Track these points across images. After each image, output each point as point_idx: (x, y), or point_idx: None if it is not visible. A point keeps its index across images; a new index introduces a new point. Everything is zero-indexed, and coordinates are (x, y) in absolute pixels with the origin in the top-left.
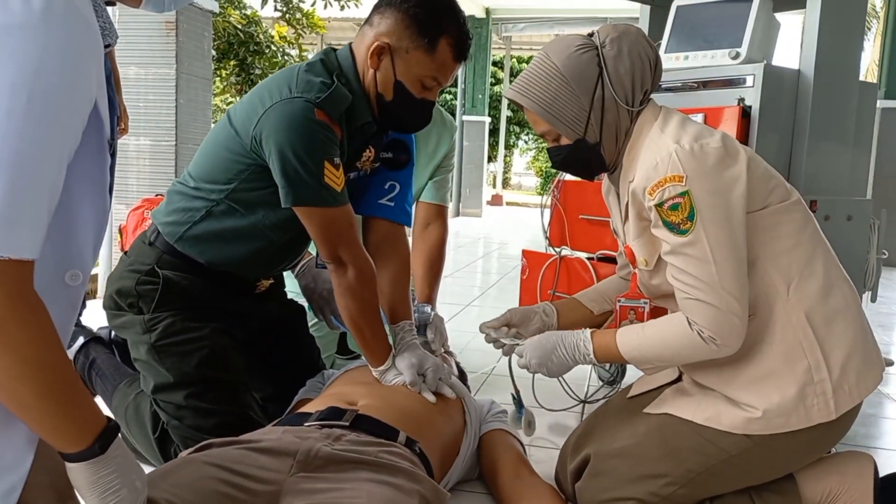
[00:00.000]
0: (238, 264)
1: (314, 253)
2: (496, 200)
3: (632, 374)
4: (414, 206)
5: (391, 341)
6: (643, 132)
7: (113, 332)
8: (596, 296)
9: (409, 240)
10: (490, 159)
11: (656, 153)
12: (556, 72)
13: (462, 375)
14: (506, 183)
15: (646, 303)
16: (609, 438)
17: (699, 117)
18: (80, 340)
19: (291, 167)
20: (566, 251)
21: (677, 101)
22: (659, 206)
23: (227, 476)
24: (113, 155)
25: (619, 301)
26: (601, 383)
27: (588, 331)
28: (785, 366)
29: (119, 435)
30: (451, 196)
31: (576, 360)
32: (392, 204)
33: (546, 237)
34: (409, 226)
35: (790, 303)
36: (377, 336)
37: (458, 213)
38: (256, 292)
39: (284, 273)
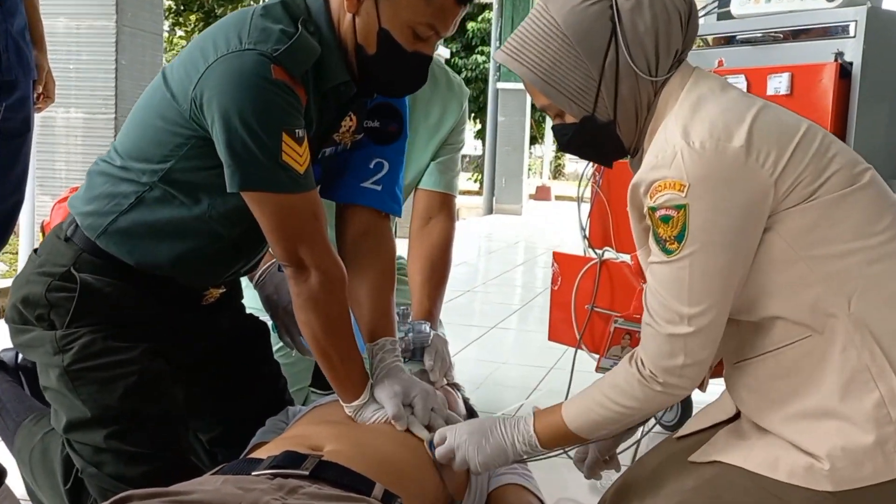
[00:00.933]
0: (176, 267)
1: None
2: (542, 194)
3: None
4: (412, 196)
5: (368, 368)
6: (668, 106)
7: (20, 356)
8: None
9: (405, 240)
10: (534, 140)
11: (662, 146)
12: (556, 29)
13: (472, 415)
14: (557, 172)
15: None
16: (649, 496)
17: (784, 79)
18: None
19: (239, 140)
20: (609, 254)
21: (756, 56)
22: (652, 210)
23: None
24: (28, 131)
25: (614, 322)
26: (659, 428)
27: (532, 409)
28: (847, 400)
29: (2, 484)
30: (458, 184)
31: (514, 444)
32: (379, 188)
33: (584, 236)
34: (398, 216)
35: (853, 318)
36: (348, 361)
37: (490, 210)
38: (203, 304)
39: (242, 281)
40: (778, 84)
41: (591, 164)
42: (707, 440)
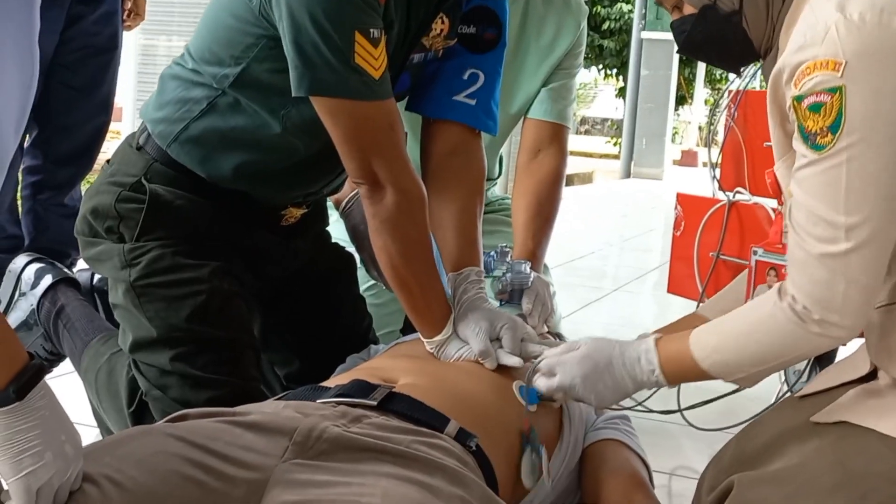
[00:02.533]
0: (250, 181)
1: None
2: (688, 159)
3: None
4: (521, 123)
5: (450, 298)
6: None
7: (95, 277)
8: (734, 303)
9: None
10: (682, 101)
11: (811, 23)
12: None
13: None
14: (709, 138)
15: None
16: (764, 457)
17: None
18: (47, 280)
19: (307, 38)
20: (742, 196)
21: None
22: (798, 100)
23: (198, 455)
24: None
25: (754, 253)
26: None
27: (652, 337)
28: None
29: (43, 379)
30: (572, 114)
31: (635, 381)
32: (473, 102)
33: (713, 176)
34: (493, 134)
35: None
36: (429, 292)
37: (627, 174)
38: (282, 225)
39: (330, 212)
40: None
41: (726, 93)
42: (834, 400)
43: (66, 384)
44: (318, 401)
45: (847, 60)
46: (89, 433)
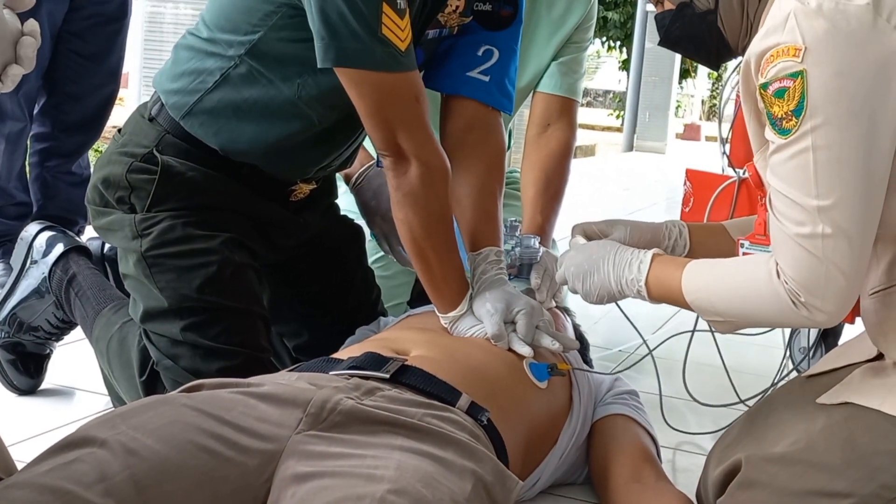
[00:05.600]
0: (264, 153)
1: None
2: (691, 133)
3: None
4: (530, 97)
5: (469, 277)
6: None
7: (106, 245)
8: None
9: (518, 155)
10: (686, 74)
11: (774, 14)
12: None
13: (581, 343)
14: (711, 113)
15: None
16: (771, 437)
17: None
18: (59, 248)
19: (333, 7)
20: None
21: None
22: (763, 88)
23: (212, 425)
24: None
25: (741, 245)
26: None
27: (651, 252)
28: None
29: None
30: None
31: (620, 285)
32: (487, 78)
33: (723, 152)
34: (508, 112)
35: None
36: (448, 267)
37: (630, 147)
38: (292, 200)
39: (339, 185)
40: None
41: (735, 69)
42: (841, 380)
43: (76, 351)
44: (331, 373)
45: (807, 46)
46: (100, 401)
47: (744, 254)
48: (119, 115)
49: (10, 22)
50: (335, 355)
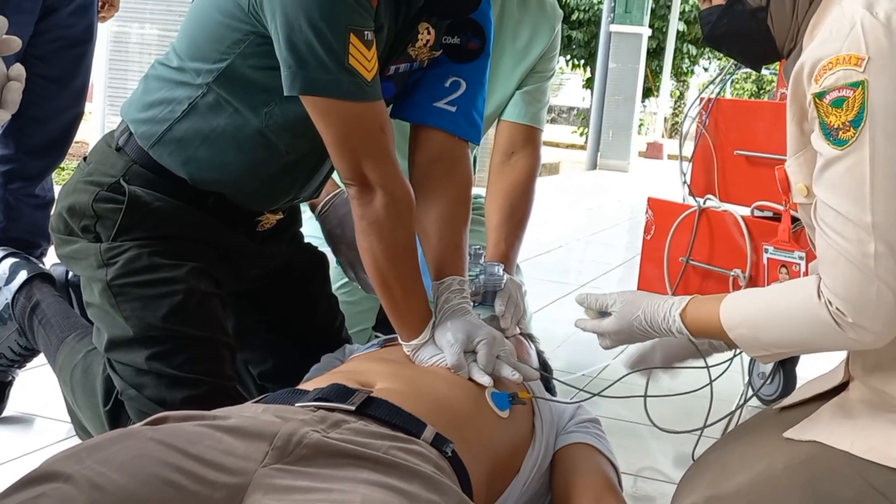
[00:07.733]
0: (231, 183)
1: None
2: (653, 152)
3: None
4: (494, 127)
5: (432, 305)
6: None
7: (71, 273)
8: None
9: (483, 174)
10: (649, 93)
11: (837, 19)
12: None
13: (545, 370)
14: (673, 131)
15: (802, 257)
16: (735, 472)
17: None
18: (23, 275)
19: (302, 38)
20: (712, 202)
21: None
22: (819, 97)
23: (178, 459)
24: (90, 40)
25: (766, 251)
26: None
27: (686, 299)
28: None
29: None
30: (545, 117)
31: (659, 327)
32: (454, 109)
33: (684, 181)
34: (475, 143)
35: None
36: (411, 296)
37: (594, 166)
38: (258, 230)
39: (303, 212)
40: None
41: (696, 100)
42: (809, 414)
43: (39, 377)
44: (297, 404)
45: (870, 56)
46: (62, 428)
47: (769, 259)
48: (84, 130)
49: None
50: (301, 386)
